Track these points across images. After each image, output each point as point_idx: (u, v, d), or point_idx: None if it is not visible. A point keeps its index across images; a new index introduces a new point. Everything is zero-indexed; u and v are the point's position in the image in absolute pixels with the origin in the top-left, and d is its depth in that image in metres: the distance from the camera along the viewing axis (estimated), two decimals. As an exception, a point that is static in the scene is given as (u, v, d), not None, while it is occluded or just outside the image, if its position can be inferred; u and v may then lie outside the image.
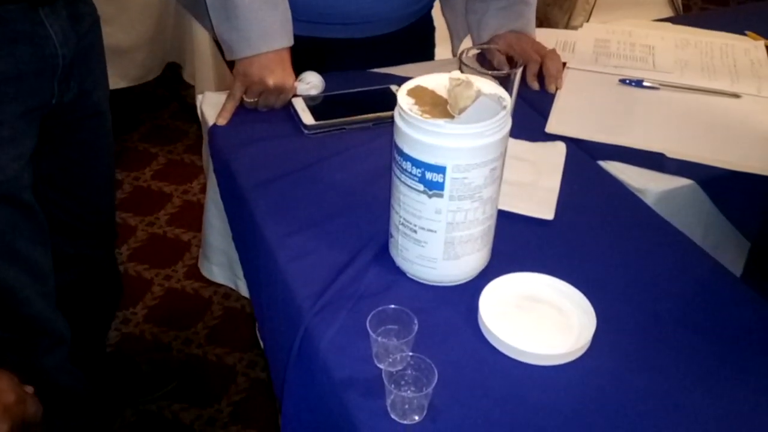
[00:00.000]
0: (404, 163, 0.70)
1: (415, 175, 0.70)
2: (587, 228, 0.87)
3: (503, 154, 0.71)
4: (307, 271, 0.79)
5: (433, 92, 0.72)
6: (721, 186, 0.95)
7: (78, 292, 1.30)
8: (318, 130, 1.01)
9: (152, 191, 2.27)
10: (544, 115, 1.08)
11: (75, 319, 1.21)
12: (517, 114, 1.06)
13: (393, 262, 0.79)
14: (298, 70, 1.11)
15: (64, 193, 1.18)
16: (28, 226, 1.02)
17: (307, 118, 1.02)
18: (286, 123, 1.04)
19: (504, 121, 0.69)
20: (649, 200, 0.92)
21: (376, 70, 1.19)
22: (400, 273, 0.79)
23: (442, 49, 1.43)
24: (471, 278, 0.78)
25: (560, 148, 1.00)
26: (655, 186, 0.93)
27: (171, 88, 2.62)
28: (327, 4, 1.19)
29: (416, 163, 0.69)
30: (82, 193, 1.21)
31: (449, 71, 0.89)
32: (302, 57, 1.16)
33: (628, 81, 1.15)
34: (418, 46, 1.42)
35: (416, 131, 0.68)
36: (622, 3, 2.01)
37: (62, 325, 1.13)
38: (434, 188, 0.70)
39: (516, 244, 0.83)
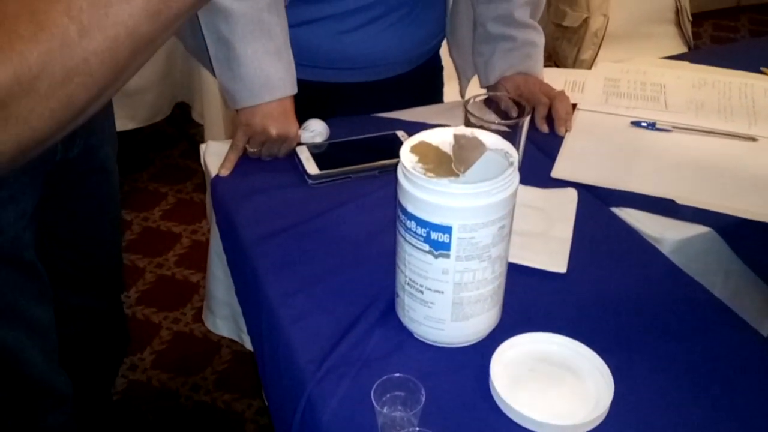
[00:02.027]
0: (409, 222, 0.68)
1: (420, 235, 0.67)
2: (601, 281, 0.83)
3: (512, 212, 0.68)
4: (310, 332, 0.76)
5: (437, 148, 0.70)
6: (739, 233, 0.91)
7: (83, 344, 1.27)
8: (322, 180, 0.99)
9: (161, 231, 2.26)
10: (554, 160, 1.05)
11: (80, 372, 1.19)
12: (526, 159, 1.04)
13: (400, 321, 0.76)
14: (306, 115, 1.09)
15: (69, 245, 1.16)
16: (29, 285, 1.00)
17: (311, 167, 1.00)
18: (290, 172, 1.02)
19: (511, 178, 0.66)
20: (665, 249, 0.89)
21: (382, 114, 1.17)
22: (408, 333, 0.76)
23: (451, 87, 1.41)
24: (481, 339, 0.75)
25: (572, 194, 0.97)
26: (672, 234, 0.90)
27: (180, 127, 2.63)
28: (334, 48, 1.18)
29: (421, 222, 0.66)
30: (87, 247, 1.19)
31: (456, 115, 0.87)
32: (309, 102, 1.15)
33: (640, 123, 1.12)
34: (426, 87, 1.40)
35: (420, 190, 0.65)
36: (632, 36, 1.99)
37: (64, 384, 1.10)
38: (440, 248, 0.67)
39: (528, 300, 0.80)
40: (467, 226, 0.65)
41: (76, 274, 1.20)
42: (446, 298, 0.70)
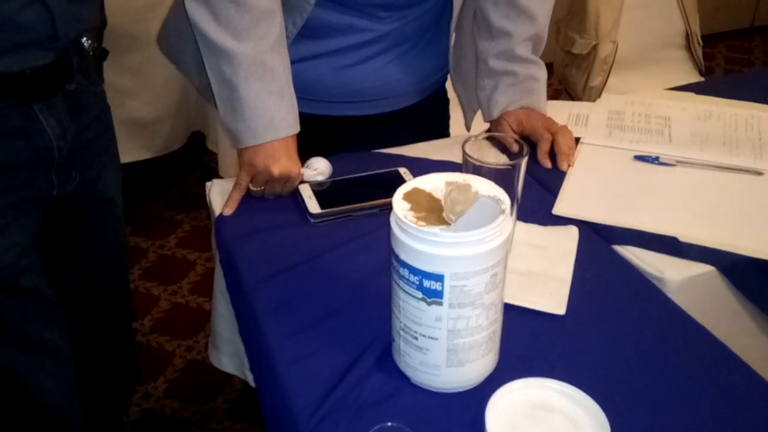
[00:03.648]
0: (402, 269, 0.68)
1: (413, 282, 0.67)
2: (601, 323, 0.83)
3: (504, 259, 0.68)
4: (307, 376, 0.76)
5: (430, 195, 0.70)
6: (744, 272, 0.90)
7: (92, 373, 1.29)
8: (324, 219, 1.00)
9: (176, 259, 2.28)
10: (556, 196, 1.05)
11: (90, 401, 1.20)
12: (527, 195, 1.04)
13: (397, 365, 0.76)
14: (311, 148, 1.10)
15: (76, 275, 1.18)
16: (34, 310, 1.02)
17: (313, 206, 1.01)
18: (292, 211, 1.03)
19: (503, 226, 0.66)
20: (668, 289, 0.88)
21: (385, 150, 1.18)
22: (404, 378, 0.76)
23: (458, 118, 1.41)
24: (477, 384, 0.74)
25: (573, 232, 0.96)
26: (674, 273, 0.89)
27: (195, 155, 2.66)
28: (337, 83, 1.19)
29: (413, 270, 0.67)
30: (94, 276, 1.21)
31: (460, 150, 0.87)
32: (314, 136, 1.16)
33: (643, 157, 1.12)
34: (433, 119, 1.41)
35: (412, 239, 0.66)
36: (641, 62, 1.98)
37: (76, 413, 1.11)
38: (433, 296, 0.67)
39: (526, 343, 0.80)
40: (459, 275, 0.65)
41: (83, 303, 1.21)
42: (440, 344, 0.70)
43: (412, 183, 0.72)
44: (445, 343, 0.70)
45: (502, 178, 0.87)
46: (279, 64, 1.02)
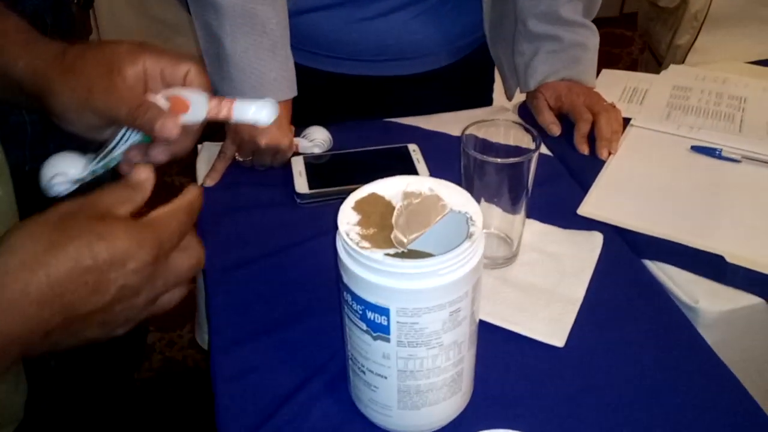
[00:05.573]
0: (345, 294, 0.56)
1: (357, 312, 0.55)
2: (609, 362, 0.68)
3: (471, 292, 0.55)
4: (244, 395, 0.66)
5: (387, 205, 0.57)
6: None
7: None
8: (312, 200, 0.88)
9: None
10: (588, 191, 0.88)
11: (99, 362, 1.15)
12: (553, 188, 0.89)
13: (350, 394, 0.65)
14: (341, 110, 0.99)
15: None
16: None
17: (301, 185, 0.89)
18: (281, 187, 0.91)
19: (469, 254, 0.53)
20: (701, 323, 0.72)
21: (398, 119, 1.04)
22: (356, 410, 0.64)
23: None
24: (439, 428, 0.62)
25: (596, 240, 0.80)
26: (711, 304, 0.72)
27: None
28: (358, 38, 1.06)
29: (356, 298, 0.54)
30: None
31: (490, 124, 0.73)
32: (331, 97, 1.04)
33: (702, 149, 0.93)
34: (472, 84, 1.25)
35: (353, 262, 0.53)
36: (738, 20, 1.72)
37: None
38: (378, 330, 0.55)
39: (509, 380, 0.66)
40: (407, 311, 0.53)
41: None
42: (390, 384, 0.58)
43: (370, 187, 0.59)
44: (396, 384, 0.58)
45: (510, 172, 0.73)
46: (272, 17, 0.89)
